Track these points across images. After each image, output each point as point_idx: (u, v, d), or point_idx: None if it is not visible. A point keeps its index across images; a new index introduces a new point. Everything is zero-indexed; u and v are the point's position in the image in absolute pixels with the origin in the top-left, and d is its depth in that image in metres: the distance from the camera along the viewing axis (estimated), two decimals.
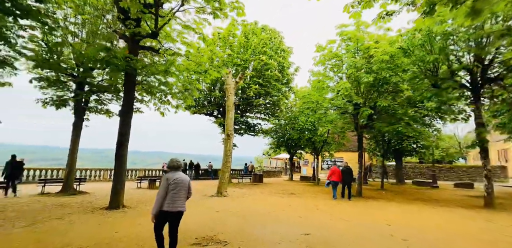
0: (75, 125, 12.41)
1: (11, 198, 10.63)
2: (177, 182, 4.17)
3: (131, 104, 9.18)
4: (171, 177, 4.17)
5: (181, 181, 4.22)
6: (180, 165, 4.42)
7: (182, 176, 4.32)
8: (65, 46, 9.58)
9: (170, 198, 4.07)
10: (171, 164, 4.36)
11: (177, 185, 4.15)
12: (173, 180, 4.14)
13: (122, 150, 8.84)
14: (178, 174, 4.28)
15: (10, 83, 11.94)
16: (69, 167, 12.20)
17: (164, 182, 4.18)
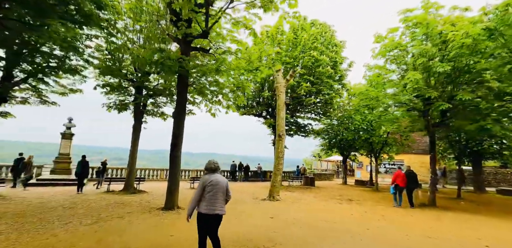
0: (135, 128, 13.10)
1: (81, 195, 11.58)
2: (214, 184, 4.08)
3: (183, 106, 9.18)
4: (207, 179, 4.11)
5: (217, 183, 4.12)
6: (218, 167, 4.31)
7: (219, 178, 4.21)
8: (124, 51, 10.07)
9: (208, 201, 4.01)
10: (208, 166, 4.28)
11: (213, 187, 4.07)
12: (210, 182, 4.07)
13: (176, 151, 8.85)
14: (215, 176, 4.20)
15: (81, 90, 13.18)
16: (130, 167, 12.91)
17: (200, 184, 4.13)
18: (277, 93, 12.52)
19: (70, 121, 16.62)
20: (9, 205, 8.70)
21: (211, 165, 4.27)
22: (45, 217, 7.07)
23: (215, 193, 4.05)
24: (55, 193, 11.91)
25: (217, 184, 4.11)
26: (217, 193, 4.07)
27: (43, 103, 12.13)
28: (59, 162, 15.81)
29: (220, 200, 4.10)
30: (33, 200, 9.72)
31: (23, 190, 12.26)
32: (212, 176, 4.17)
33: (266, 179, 24.91)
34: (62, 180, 14.72)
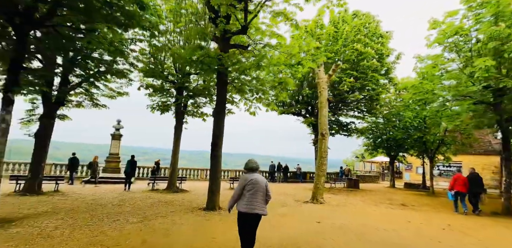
0: (176, 128, 13.38)
1: (129, 193, 12.08)
2: (253, 183, 4.06)
3: (223, 104, 9.00)
4: (247, 178, 4.11)
5: (257, 183, 4.09)
6: (257, 167, 4.30)
7: (258, 177, 4.19)
8: (165, 52, 10.26)
9: (247, 199, 4.00)
10: (249, 166, 4.27)
11: (253, 186, 4.05)
12: (249, 181, 4.06)
13: (217, 151, 8.69)
14: (254, 175, 4.19)
15: (127, 93, 13.85)
16: (172, 167, 13.19)
17: (240, 182, 4.16)
18: (319, 90, 11.80)
19: (118, 123, 17.66)
20: (66, 201, 9.31)
21: (251, 165, 4.25)
22: (96, 214, 7.33)
23: (254, 192, 4.02)
24: (106, 190, 12.62)
25: (257, 183, 4.07)
26: (256, 193, 4.03)
27: (95, 106, 12.94)
28: (109, 161, 16.88)
29: (259, 200, 4.05)
30: (87, 197, 10.32)
31: (82, 187, 13.53)
32: (251, 176, 4.15)
33: (305, 181, 24.07)
34: (112, 178, 15.65)
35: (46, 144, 10.82)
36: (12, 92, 6.41)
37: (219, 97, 8.94)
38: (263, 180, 4.20)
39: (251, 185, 4.03)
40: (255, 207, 3.95)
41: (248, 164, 4.27)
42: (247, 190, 4.02)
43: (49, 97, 10.79)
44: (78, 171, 16.39)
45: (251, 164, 4.25)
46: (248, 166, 4.26)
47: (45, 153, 10.79)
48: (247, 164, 4.30)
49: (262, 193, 4.10)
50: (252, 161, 4.30)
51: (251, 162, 4.29)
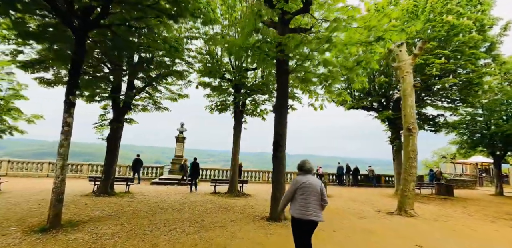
0: (235, 128, 12.68)
1: (191, 196, 11.80)
2: (306, 186, 3.76)
3: (285, 97, 7.76)
4: (299, 181, 3.82)
5: (310, 185, 3.76)
6: (312, 168, 4.00)
7: (312, 179, 3.86)
8: (219, 42, 9.61)
9: (299, 204, 3.71)
10: (304, 167, 3.95)
11: (306, 190, 3.75)
12: (302, 184, 3.77)
13: (279, 152, 7.48)
14: (308, 177, 3.87)
15: (187, 95, 13.81)
16: (233, 169, 12.51)
17: (292, 185, 3.87)
18: (401, 75, 9.56)
19: (182, 126, 18.09)
20: (131, 203, 9.32)
21: (306, 166, 3.95)
22: (154, 221, 6.88)
23: (307, 196, 3.72)
24: (170, 192, 12.67)
25: (310, 186, 3.76)
26: (309, 197, 3.72)
27: (158, 109, 13.19)
28: (175, 163, 17.33)
29: (313, 205, 3.71)
30: (152, 199, 10.30)
31: (176, 187, 14.26)
32: (305, 178, 3.85)
33: (380, 185, 21.05)
34: (176, 180, 15.91)
35: (116, 147, 11.26)
36: (73, 95, 6.34)
37: (280, 90, 7.72)
38: (317, 183, 3.84)
39: (304, 189, 3.74)
40: (309, 213, 3.65)
41: (302, 166, 3.96)
42: (299, 194, 3.74)
43: (117, 102, 11.22)
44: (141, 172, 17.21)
45: (305, 165, 3.94)
46: (302, 168, 3.96)
47: (116, 156, 11.22)
48: (300, 165, 3.98)
49: (316, 197, 3.75)
50: (306, 162, 3.99)
51: (305, 163, 3.98)
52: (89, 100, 11.58)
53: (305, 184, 3.76)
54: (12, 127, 11.79)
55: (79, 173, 17.39)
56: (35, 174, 16.76)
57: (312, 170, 3.99)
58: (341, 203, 11.42)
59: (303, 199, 3.70)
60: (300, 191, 3.75)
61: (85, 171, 17.40)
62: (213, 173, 18.48)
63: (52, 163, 17.34)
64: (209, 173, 18.47)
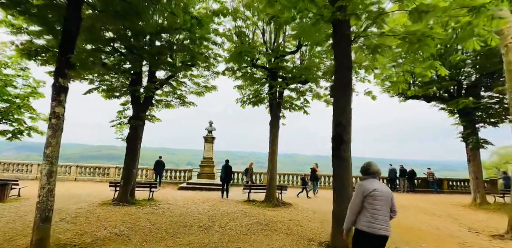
0: (272, 124, 10.65)
1: (223, 205, 9.96)
2: (377, 195, 3.04)
3: (348, 71, 5.53)
4: (368, 188, 3.09)
5: (381, 194, 3.06)
6: (379, 172, 3.29)
7: (382, 186, 3.15)
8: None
9: (370, 216, 3.03)
10: (369, 170, 3.27)
11: (376, 199, 3.03)
12: (372, 192, 3.04)
13: (343, 150, 5.28)
14: (376, 183, 3.17)
15: (215, 87, 12.05)
16: (270, 173, 10.45)
17: (358, 192, 3.13)
18: (504, 43, 6.86)
19: (210, 125, 16.49)
20: (151, 216, 7.67)
21: (371, 168, 3.25)
22: (173, 245, 5.05)
23: (380, 207, 3.03)
24: (199, 199, 10.96)
25: (382, 195, 3.05)
26: (382, 207, 3.04)
27: (183, 104, 11.61)
28: (203, 166, 15.72)
29: (385, 217, 3.06)
30: (176, 210, 8.61)
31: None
32: (373, 184, 3.12)
33: (442, 191, 17.67)
34: (206, 184, 14.26)
35: (136, 147, 9.79)
36: (64, 77, 4.75)
37: (340, 64, 5.50)
38: (388, 190, 3.17)
39: (374, 197, 3.03)
40: (381, 227, 3.00)
41: (367, 168, 3.28)
42: (368, 204, 3.04)
43: (137, 97, 9.80)
44: (163, 175, 15.87)
45: (370, 168, 3.26)
46: (367, 171, 3.28)
47: (136, 158, 9.75)
48: (365, 168, 3.30)
49: (386, 207, 3.09)
50: (372, 164, 3.30)
51: (370, 165, 3.28)
52: (108, 96, 10.28)
53: (376, 192, 3.06)
54: (31, 127, 10.89)
55: (106, 176, 16.49)
56: (63, 178, 16.14)
57: (379, 174, 3.30)
58: (411, 217, 8.85)
59: (374, 210, 3.04)
60: (370, 199, 3.06)
61: (112, 175, 16.46)
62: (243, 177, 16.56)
63: (79, 166, 16.68)
64: (242, 177, 16.58)
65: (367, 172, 3.29)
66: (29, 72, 10.32)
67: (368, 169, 3.28)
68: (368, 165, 3.33)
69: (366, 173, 3.30)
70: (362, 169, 3.38)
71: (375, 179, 3.29)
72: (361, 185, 3.20)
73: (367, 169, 3.29)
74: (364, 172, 3.33)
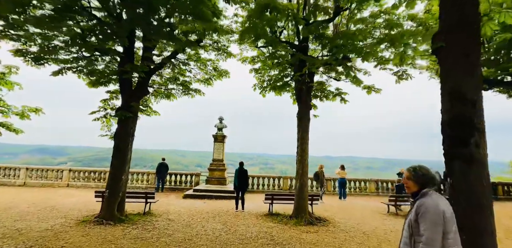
0: (300, 117, 8.24)
1: (238, 221, 7.59)
2: (451, 216, 1.98)
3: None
4: (445, 209, 1.96)
5: (451, 213, 2.00)
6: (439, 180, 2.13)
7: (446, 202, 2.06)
8: None
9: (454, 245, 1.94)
10: (435, 180, 2.09)
11: (452, 221, 1.97)
12: (447, 213, 1.96)
13: (474, 144, 2.79)
14: (440, 198, 2.03)
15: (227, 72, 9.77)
16: (300, 179, 7.99)
17: (435, 216, 1.92)
18: None
19: (221, 121, 14.18)
20: (140, 243, 5.35)
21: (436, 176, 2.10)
22: None
23: (457, 233, 1.99)
24: (208, 212, 8.64)
25: (452, 214, 2.00)
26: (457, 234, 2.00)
27: (186, 92, 9.32)
28: (213, 169, 13.39)
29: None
30: (177, 231, 6.28)
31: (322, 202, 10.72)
32: (439, 199, 2.00)
33: (496, 197, 14.78)
34: (217, 192, 11.92)
35: (126, 147, 7.52)
36: None
37: None
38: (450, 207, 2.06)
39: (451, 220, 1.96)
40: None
41: (432, 177, 2.08)
42: (448, 232, 1.91)
43: (127, 82, 7.57)
44: (166, 180, 13.66)
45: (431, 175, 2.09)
46: (431, 180, 2.08)
47: (126, 161, 7.49)
48: (427, 176, 2.10)
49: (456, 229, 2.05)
50: (431, 170, 2.13)
51: (428, 171, 2.12)
52: (92, 82, 8.08)
53: (448, 212, 1.95)
54: (2, 124, 8.81)
55: (103, 182, 14.30)
56: (53, 184, 14.10)
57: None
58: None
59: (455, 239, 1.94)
60: (448, 226, 1.92)
61: None
62: (264, 182, 14.10)
63: (73, 170, 14.62)
64: (259, 181, 14.13)
65: (430, 182, 2.08)
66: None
67: (432, 178, 2.07)
68: (427, 171, 2.11)
69: (426, 182, 2.09)
70: (417, 176, 2.13)
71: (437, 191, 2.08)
72: (437, 205, 1.95)
73: (431, 177, 2.07)
74: (423, 181, 2.10)
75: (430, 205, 1.95)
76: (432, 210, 1.94)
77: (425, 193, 2.05)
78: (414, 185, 2.12)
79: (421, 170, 2.15)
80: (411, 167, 2.18)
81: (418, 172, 2.13)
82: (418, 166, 2.20)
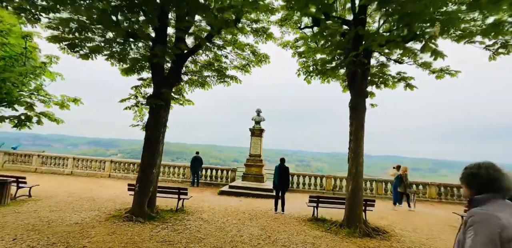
0: (354, 106, 6.87)
1: (278, 226, 6.58)
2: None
3: None
4: (504, 224, 1.32)
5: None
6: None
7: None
8: None
9: None
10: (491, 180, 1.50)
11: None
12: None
13: None
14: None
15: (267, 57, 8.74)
16: (353, 180, 6.66)
17: (484, 229, 1.33)
18: None
19: (258, 114, 13.24)
20: (170, 245, 4.62)
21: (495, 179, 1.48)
22: None
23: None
24: (244, 212, 7.77)
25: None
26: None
27: (221, 79, 8.48)
28: (250, 165, 12.52)
29: None
30: (209, 237, 5.48)
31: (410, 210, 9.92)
32: (502, 210, 1.40)
33: None
34: (253, 189, 11.05)
35: (158, 139, 6.92)
36: None
37: None
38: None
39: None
40: None
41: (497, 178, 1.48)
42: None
43: (158, 67, 6.95)
44: (202, 175, 13.17)
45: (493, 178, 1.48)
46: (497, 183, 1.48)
47: (157, 154, 6.89)
48: (488, 176, 1.50)
49: None
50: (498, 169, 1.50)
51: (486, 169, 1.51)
52: (125, 70, 7.63)
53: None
54: (44, 113, 8.87)
55: None
56: (97, 174, 14.51)
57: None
58: None
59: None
60: None
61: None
62: (304, 181, 12.89)
63: (114, 161, 14.92)
64: (299, 180, 12.95)
65: (493, 185, 1.48)
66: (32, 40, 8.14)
67: (494, 180, 1.47)
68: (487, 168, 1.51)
69: (492, 186, 1.48)
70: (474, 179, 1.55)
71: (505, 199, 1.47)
72: (494, 216, 1.36)
73: (489, 179, 1.48)
74: (481, 185, 1.52)
75: (482, 216, 1.39)
76: (483, 222, 1.36)
77: (480, 199, 1.49)
78: (466, 189, 1.61)
79: (473, 168, 1.56)
80: (467, 166, 1.63)
81: (469, 171, 1.58)
82: (476, 164, 1.59)
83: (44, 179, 12.13)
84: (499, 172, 1.48)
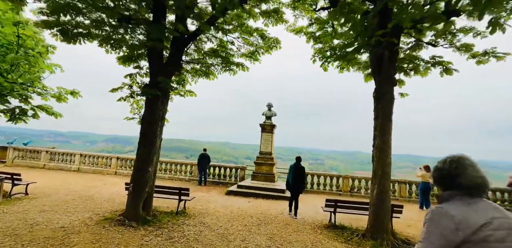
0: (379, 95, 5.84)
1: (290, 234, 5.68)
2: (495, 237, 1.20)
3: None
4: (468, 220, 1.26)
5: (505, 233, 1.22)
6: (488, 183, 1.39)
7: (502, 213, 1.30)
8: None
9: None
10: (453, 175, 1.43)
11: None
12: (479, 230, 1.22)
13: None
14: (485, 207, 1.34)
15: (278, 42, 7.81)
16: (379, 182, 5.64)
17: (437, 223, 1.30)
18: None
19: (269, 109, 12.32)
20: None
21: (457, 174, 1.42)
22: None
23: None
24: (253, 217, 6.92)
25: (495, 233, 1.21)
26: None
27: (227, 68, 7.63)
28: (260, 163, 11.63)
29: None
30: (211, 244, 4.66)
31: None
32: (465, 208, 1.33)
33: None
34: (263, 189, 10.18)
35: (155, 134, 6.17)
36: None
37: None
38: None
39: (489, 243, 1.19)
40: None
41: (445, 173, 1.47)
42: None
43: (156, 52, 6.19)
44: (209, 173, 12.49)
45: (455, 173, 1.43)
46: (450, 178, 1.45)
47: (153, 150, 6.14)
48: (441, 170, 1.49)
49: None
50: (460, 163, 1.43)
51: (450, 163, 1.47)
52: (122, 59, 6.93)
53: (492, 232, 1.21)
54: (41, 107, 8.36)
55: None
56: (103, 171, 14.11)
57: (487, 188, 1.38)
58: None
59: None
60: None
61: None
62: (319, 181, 11.88)
63: (120, 158, 14.46)
64: (313, 180, 11.95)
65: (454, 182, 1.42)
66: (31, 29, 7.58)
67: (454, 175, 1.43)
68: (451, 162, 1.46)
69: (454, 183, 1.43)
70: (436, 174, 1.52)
71: (479, 197, 1.38)
72: (443, 214, 1.32)
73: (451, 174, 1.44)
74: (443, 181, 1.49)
75: (434, 214, 1.33)
76: (434, 220, 1.31)
77: (444, 197, 1.42)
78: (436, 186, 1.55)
79: (440, 163, 1.50)
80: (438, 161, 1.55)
81: (435, 167, 1.52)
82: (445, 158, 1.50)
83: (50, 176, 11.79)
84: (462, 167, 1.41)
